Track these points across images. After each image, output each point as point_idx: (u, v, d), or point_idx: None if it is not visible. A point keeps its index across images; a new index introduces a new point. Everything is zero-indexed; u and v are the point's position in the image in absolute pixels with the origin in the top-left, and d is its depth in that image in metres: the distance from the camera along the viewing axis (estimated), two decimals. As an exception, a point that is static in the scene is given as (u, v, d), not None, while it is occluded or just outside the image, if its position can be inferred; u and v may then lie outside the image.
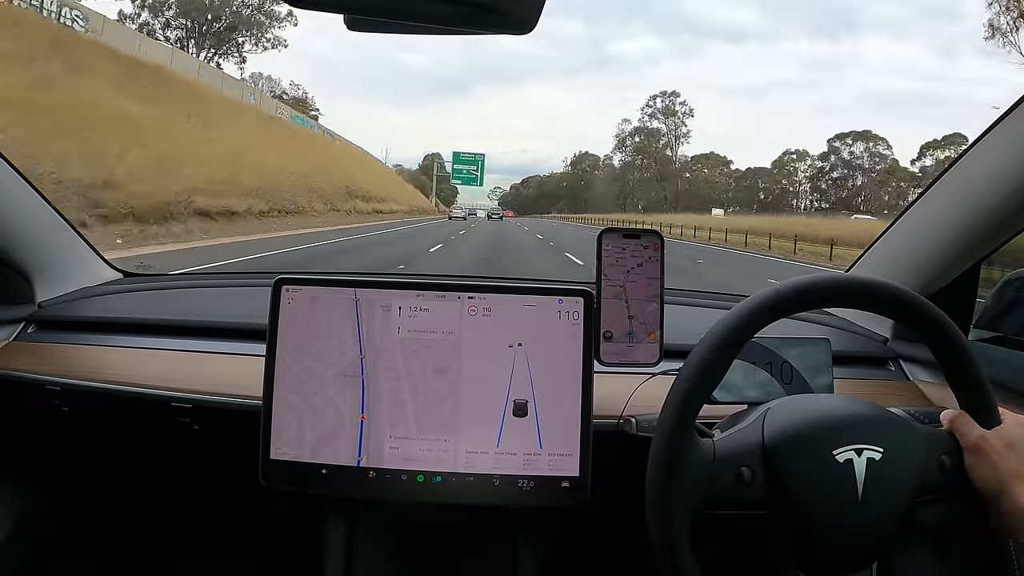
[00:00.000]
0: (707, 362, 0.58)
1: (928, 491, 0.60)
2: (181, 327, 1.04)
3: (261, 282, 1.23)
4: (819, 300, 0.62)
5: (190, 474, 1.10)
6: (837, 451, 0.58)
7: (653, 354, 0.80)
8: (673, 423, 0.58)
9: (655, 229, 0.85)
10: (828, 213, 58.18)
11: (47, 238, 1.10)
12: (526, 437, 0.77)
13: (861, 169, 68.52)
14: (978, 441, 0.59)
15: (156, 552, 1.19)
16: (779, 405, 0.63)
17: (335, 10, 0.41)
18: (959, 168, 0.90)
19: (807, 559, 0.60)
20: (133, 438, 1.04)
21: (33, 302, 1.07)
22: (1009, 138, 0.82)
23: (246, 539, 1.18)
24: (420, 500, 0.77)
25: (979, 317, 1.00)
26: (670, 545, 0.57)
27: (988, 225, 0.88)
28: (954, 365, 0.61)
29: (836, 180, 69.77)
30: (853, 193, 68.12)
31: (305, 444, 0.77)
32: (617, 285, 0.80)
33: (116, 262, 1.27)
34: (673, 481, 0.57)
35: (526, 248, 15.38)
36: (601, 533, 1.02)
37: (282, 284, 0.78)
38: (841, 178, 69.51)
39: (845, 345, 1.04)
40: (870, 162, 68.12)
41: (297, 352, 0.78)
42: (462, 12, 0.39)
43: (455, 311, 0.78)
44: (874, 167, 67.88)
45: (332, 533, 0.92)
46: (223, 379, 0.91)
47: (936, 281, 0.97)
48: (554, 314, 0.78)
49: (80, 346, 1.02)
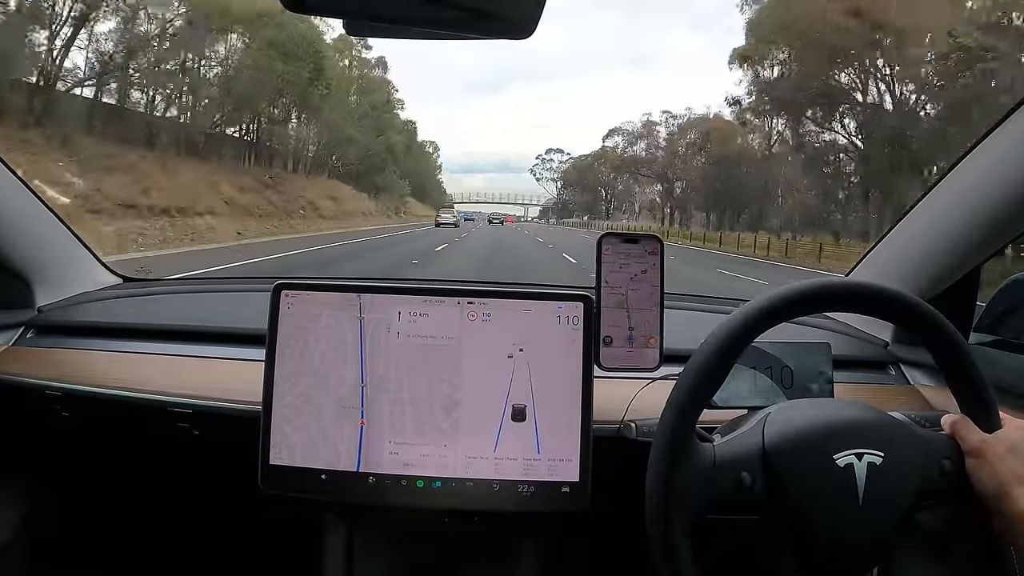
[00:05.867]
0: (707, 367, 0.58)
1: (929, 495, 0.60)
2: (180, 332, 1.04)
3: (260, 287, 1.24)
4: (819, 304, 0.62)
5: (190, 479, 1.09)
6: (838, 455, 0.58)
7: (653, 359, 0.80)
8: (673, 428, 0.58)
9: (655, 234, 0.85)
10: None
11: (47, 243, 1.10)
12: (525, 442, 0.76)
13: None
14: (979, 445, 0.59)
15: (156, 557, 1.18)
16: (779, 410, 0.63)
17: (334, 15, 0.41)
18: (959, 171, 0.90)
19: (808, 563, 0.60)
20: (133, 443, 1.04)
21: (33, 307, 1.07)
22: (1009, 141, 0.82)
23: (245, 544, 1.17)
24: (419, 505, 0.77)
25: (979, 321, 1.00)
26: (670, 550, 0.57)
27: (988, 228, 0.88)
28: (955, 369, 0.61)
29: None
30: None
31: (304, 449, 0.77)
32: (619, 293, 0.80)
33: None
34: (673, 486, 0.57)
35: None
36: (601, 538, 1.02)
37: (281, 289, 0.78)
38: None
39: (845, 349, 1.03)
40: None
41: (296, 357, 0.77)
42: (460, 17, 0.39)
43: (455, 316, 0.78)
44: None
45: (331, 538, 0.92)
46: (223, 384, 0.91)
47: (936, 285, 0.96)
48: (554, 319, 0.78)
49: (80, 351, 1.02)
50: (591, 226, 40.85)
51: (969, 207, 0.89)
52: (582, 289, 0.82)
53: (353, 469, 0.76)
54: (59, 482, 1.12)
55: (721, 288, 9.18)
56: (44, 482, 1.10)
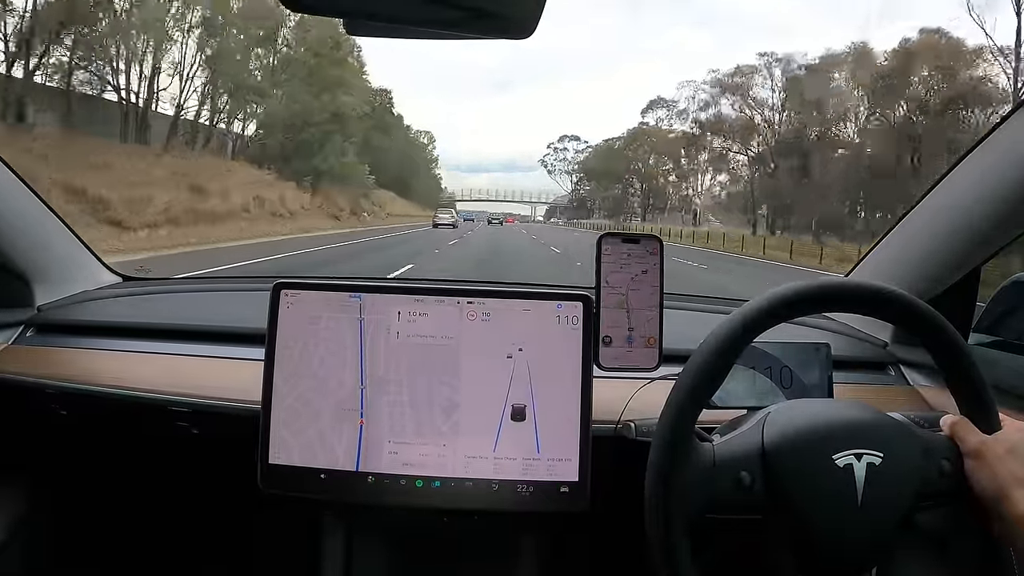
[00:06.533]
0: (706, 367, 0.58)
1: (928, 496, 0.60)
2: (180, 331, 1.04)
3: (260, 286, 1.24)
4: (819, 305, 0.62)
5: (189, 478, 1.09)
6: (837, 456, 0.58)
7: (652, 359, 0.80)
8: (672, 428, 0.58)
9: (655, 234, 0.85)
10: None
11: (47, 242, 1.10)
12: (524, 442, 0.76)
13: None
14: (978, 446, 0.59)
15: (155, 556, 1.18)
16: (779, 410, 0.63)
17: (333, 14, 0.41)
18: (959, 172, 0.90)
19: (807, 564, 0.60)
20: (132, 442, 1.04)
21: (32, 306, 1.07)
22: (1009, 143, 0.82)
23: (244, 544, 1.17)
24: (418, 505, 0.77)
25: (979, 321, 1.00)
26: (669, 550, 0.57)
27: (988, 229, 0.88)
28: (954, 370, 0.61)
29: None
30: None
31: (304, 449, 0.77)
32: (619, 293, 0.80)
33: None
34: (672, 486, 0.57)
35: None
36: (600, 538, 1.02)
37: (281, 288, 0.78)
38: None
39: (845, 349, 1.04)
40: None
41: (296, 359, 0.77)
42: (460, 16, 0.39)
43: (454, 316, 0.78)
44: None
45: (330, 538, 0.92)
46: (222, 383, 0.91)
47: (936, 285, 0.97)
48: (553, 319, 0.78)
49: (79, 350, 1.02)
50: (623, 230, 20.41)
51: (968, 207, 0.89)
52: (582, 289, 0.82)
53: (352, 469, 0.76)
54: (58, 481, 1.12)
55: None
56: (43, 481, 1.10)
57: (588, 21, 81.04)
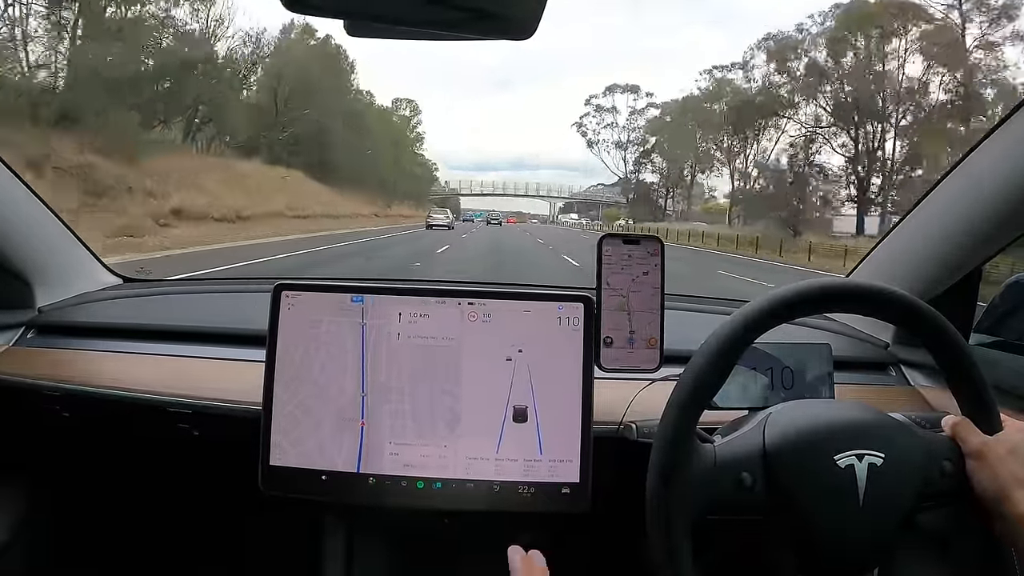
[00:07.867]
0: (708, 368, 0.58)
1: (929, 496, 0.60)
2: (181, 332, 1.04)
3: (261, 288, 1.24)
4: (820, 305, 0.62)
5: (190, 480, 1.09)
6: (838, 456, 0.58)
7: (653, 360, 0.80)
8: (674, 429, 0.58)
9: (655, 235, 0.85)
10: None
11: (47, 243, 1.10)
12: (526, 443, 0.76)
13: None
14: (980, 447, 0.59)
15: (155, 558, 1.18)
16: (780, 410, 0.63)
17: (334, 15, 0.41)
18: (960, 172, 0.90)
19: (808, 564, 0.60)
20: (133, 443, 1.04)
21: (33, 307, 1.07)
22: (1010, 142, 0.82)
23: (245, 545, 1.17)
24: (420, 506, 0.77)
25: (980, 321, 1.00)
26: (671, 550, 0.56)
27: (989, 229, 0.88)
28: (955, 370, 0.61)
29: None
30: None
31: (304, 450, 0.77)
32: (620, 294, 0.80)
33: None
34: (673, 487, 0.57)
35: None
36: (601, 539, 1.02)
37: (282, 290, 0.78)
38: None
39: (846, 350, 1.03)
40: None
41: (296, 364, 0.77)
42: (461, 18, 0.39)
43: (455, 317, 0.78)
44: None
45: (331, 539, 0.92)
46: (223, 385, 0.90)
47: (937, 285, 0.96)
48: (554, 320, 0.78)
49: (80, 351, 1.02)
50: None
51: (969, 207, 0.89)
52: (582, 290, 0.82)
53: (353, 470, 0.76)
54: (58, 483, 1.12)
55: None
56: (43, 483, 1.10)
57: (589, 20, 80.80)
